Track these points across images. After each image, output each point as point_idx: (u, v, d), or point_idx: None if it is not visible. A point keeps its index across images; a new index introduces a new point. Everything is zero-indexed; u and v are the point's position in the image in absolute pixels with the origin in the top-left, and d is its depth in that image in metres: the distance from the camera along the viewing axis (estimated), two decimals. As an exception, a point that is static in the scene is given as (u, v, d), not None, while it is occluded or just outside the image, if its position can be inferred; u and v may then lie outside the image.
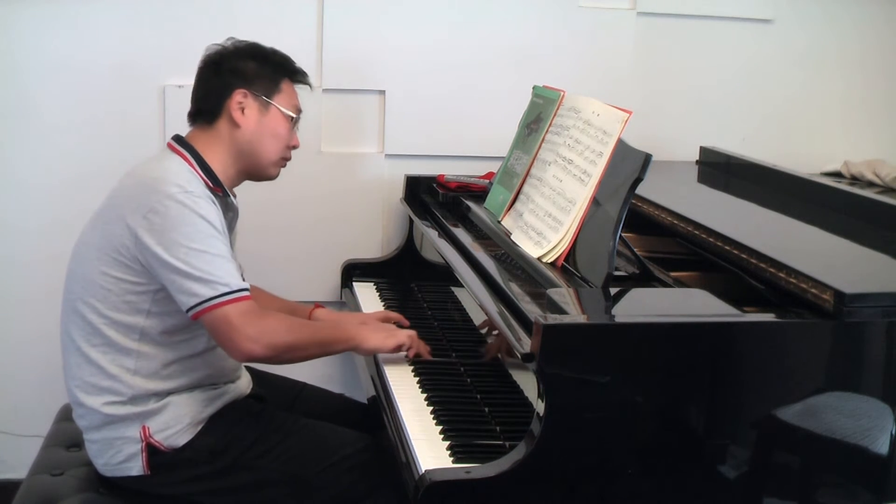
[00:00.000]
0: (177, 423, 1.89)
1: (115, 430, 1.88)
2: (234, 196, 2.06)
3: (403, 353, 2.04)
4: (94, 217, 1.94)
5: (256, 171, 2.04)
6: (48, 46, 2.59)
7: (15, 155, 2.65)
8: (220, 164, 1.97)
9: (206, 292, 1.79)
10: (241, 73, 1.98)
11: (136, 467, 1.88)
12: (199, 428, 1.91)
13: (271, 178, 2.07)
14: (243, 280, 1.86)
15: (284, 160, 2.06)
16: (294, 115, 2.03)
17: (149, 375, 1.88)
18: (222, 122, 1.98)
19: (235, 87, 1.96)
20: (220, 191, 1.95)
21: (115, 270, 1.85)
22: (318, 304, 2.29)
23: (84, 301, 1.88)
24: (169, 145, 1.98)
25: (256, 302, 2.22)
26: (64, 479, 1.97)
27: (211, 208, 1.85)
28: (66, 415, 2.20)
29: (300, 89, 2.07)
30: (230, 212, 2.01)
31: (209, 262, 1.80)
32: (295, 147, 2.06)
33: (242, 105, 1.96)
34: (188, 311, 1.80)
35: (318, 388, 2.34)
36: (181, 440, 1.89)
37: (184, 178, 1.86)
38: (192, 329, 1.89)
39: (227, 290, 1.80)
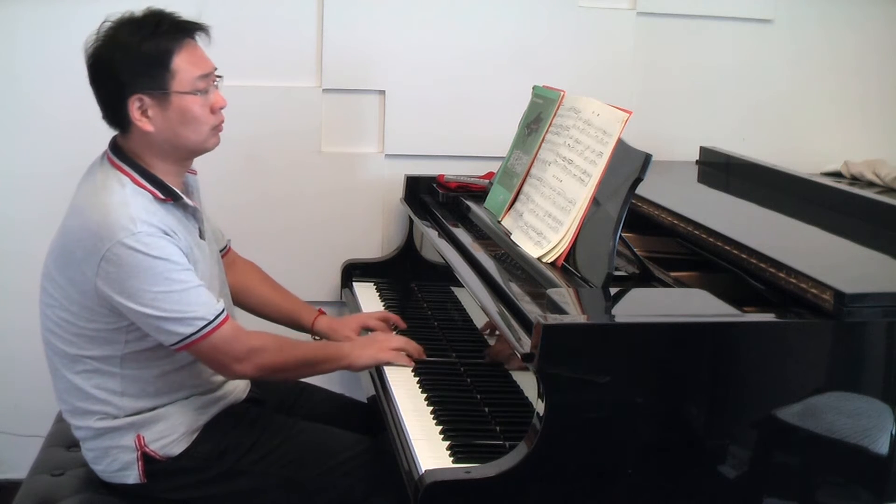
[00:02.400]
0: (172, 432, 1.88)
1: (111, 440, 1.87)
2: (194, 173, 1.98)
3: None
4: (51, 253, 1.86)
5: (193, 155, 1.90)
6: (48, 45, 2.59)
7: (15, 153, 2.65)
8: (160, 168, 1.84)
9: (185, 330, 1.76)
10: (122, 76, 1.77)
11: (133, 475, 1.87)
12: (195, 436, 1.90)
13: (211, 149, 1.89)
14: (217, 300, 1.81)
15: (216, 127, 1.87)
16: (198, 90, 1.82)
17: (137, 395, 1.86)
18: (134, 131, 1.82)
19: (126, 96, 1.78)
20: (171, 199, 1.83)
21: (84, 311, 1.80)
22: (322, 311, 2.27)
23: (58, 336, 1.84)
24: (109, 159, 1.84)
25: (259, 289, 2.21)
26: (64, 479, 1.97)
27: (162, 242, 1.75)
28: (66, 415, 2.20)
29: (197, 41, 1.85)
30: (188, 210, 1.90)
31: (178, 300, 1.75)
32: (222, 107, 1.87)
33: (142, 108, 1.79)
34: (170, 346, 1.78)
35: (319, 388, 2.33)
36: (177, 449, 1.88)
37: (128, 213, 1.73)
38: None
39: (204, 322, 1.77)
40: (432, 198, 2.65)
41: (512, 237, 2.07)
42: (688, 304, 1.72)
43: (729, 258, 1.88)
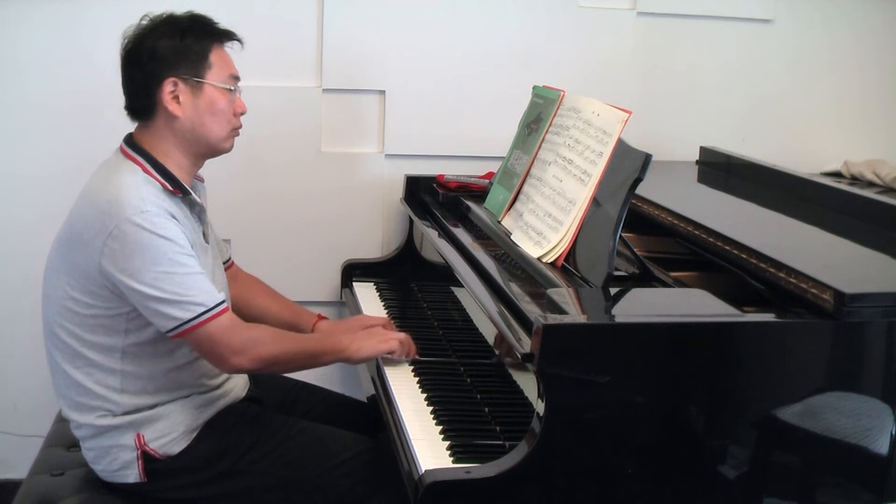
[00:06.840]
0: (172, 430, 1.88)
1: (110, 439, 1.87)
2: (202, 181, 2.02)
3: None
4: (57, 241, 1.88)
5: (209, 152, 1.94)
6: (49, 45, 2.59)
7: (16, 152, 2.65)
8: (174, 161, 1.88)
9: (183, 315, 1.75)
10: (163, 58, 1.84)
11: (133, 474, 1.87)
12: (195, 435, 1.90)
13: (226, 152, 1.96)
14: (219, 292, 1.82)
15: (235, 130, 1.95)
16: (231, 88, 1.91)
17: (136, 392, 1.86)
18: (160, 117, 1.87)
19: (163, 77, 1.84)
20: (179, 192, 1.86)
21: (85, 297, 1.80)
22: (322, 316, 2.26)
23: (60, 325, 1.84)
24: (122, 150, 1.89)
25: (258, 300, 2.21)
26: (64, 479, 1.97)
27: (170, 224, 1.77)
28: (66, 415, 2.20)
29: (231, 50, 1.95)
30: (195, 207, 1.93)
31: (179, 282, 1.75)
32: (242, 113, 1.95)
33: (175, 93, 1.85)
34: (167, 332, 1.78)
35: (319, 387, 2.34)
36: (177, 448, 1.88)
37: (139, 194, 1.77)
38: (173, 340, 1.84)
39: (203, 309, 1.76)
40: (432, 198, 2.65)
41: (512, 237, 2.07)
42: (688, 304, 1.72)
43: (729, 258, 1.88)
